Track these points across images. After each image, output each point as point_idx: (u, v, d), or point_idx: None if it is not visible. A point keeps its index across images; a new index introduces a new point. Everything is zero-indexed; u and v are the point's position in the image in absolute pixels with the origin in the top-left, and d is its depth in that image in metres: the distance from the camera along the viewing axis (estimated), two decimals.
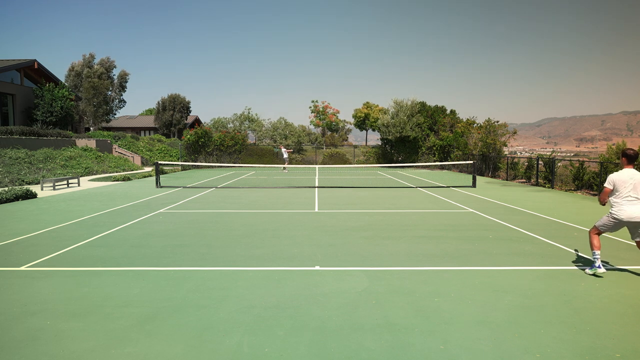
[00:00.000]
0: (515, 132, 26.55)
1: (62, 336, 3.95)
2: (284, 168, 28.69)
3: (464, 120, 33.91)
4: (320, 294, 5.04)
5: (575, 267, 6.14)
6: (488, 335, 3.95)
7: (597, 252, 5.75)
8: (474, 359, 3.53)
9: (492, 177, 24.45)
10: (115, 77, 41.12)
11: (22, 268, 6.11)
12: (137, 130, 50.66)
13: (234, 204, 12.61)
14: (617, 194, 5.65)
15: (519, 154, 51.71)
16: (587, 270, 5.87)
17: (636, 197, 5.52)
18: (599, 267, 5.68)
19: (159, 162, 18.50)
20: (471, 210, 11.48)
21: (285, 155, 28.60)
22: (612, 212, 5.68)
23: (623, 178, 5.60)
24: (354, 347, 3.74)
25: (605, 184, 5.74)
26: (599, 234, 5.89)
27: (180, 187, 17.67)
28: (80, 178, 21.08)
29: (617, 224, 5.70)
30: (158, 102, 47.78)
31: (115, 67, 41.42)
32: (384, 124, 35.09)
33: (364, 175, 24.38)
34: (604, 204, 5.73)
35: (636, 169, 6.00)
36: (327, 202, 12.92)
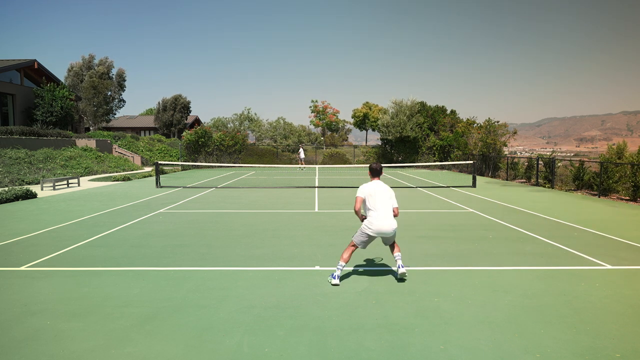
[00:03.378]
0: (515, 132, 26.54)
1: (62, 336, 3.95)
2: (302, 168, 30.70)
3: (464, 120, 33.90)
4: (320, 294, 5.04)
5: (575, 267, 6.14)
6: (488, 335, 3.95)
7: (343, 264, 5.40)
8: (474, 359, 3.54)
9: (492, 177, 24.44)
10: (113, 76, 41.08)
11: (22, 268, 6.11)
12: (137, 130, 50.64)
13: (234, 204, 12.61)
14: (367, 207, 5.42)
15: (519, 154, 51.70)
16: (329, 278, 5.53)
17: (382, 209, 5.32)
18: (334, 277, 5.38)
19: (159, 162, 18.51)
20: (471, 210, 11.48)
21: (302, 156, 31.67)
22: (364, 225, 5.39)
23: (369, 190, 5.45)
24: (354, 347, 3.74)
25: (357, 193, 5.55)
26: (355, 248, 5.45)
27: (180, 187, 17.67)
28: (80, 178, 21.08)
29: (370, 238, 5.38)
30: (158, 102, 47.81)
31: (113, 67, 41.41)
32: (383, 124, 35.08)
33: (364, 175, 24.36)
34: (358, 215, 5.51)
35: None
36: (327, 202, 12.92)
